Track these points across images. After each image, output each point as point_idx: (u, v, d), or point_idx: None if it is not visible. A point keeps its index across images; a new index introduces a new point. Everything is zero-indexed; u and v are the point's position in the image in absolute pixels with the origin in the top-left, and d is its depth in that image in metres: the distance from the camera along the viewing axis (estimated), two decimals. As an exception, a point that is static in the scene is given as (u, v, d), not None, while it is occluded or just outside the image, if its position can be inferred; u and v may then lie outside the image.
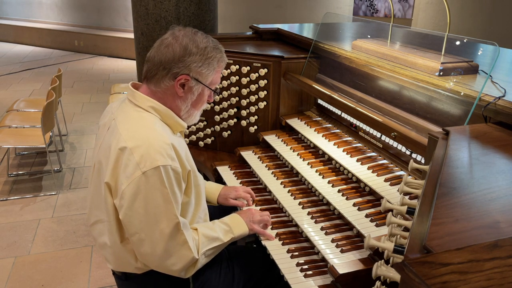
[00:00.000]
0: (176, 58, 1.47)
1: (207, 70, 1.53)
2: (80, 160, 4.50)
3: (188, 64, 1.48)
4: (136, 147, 1.39)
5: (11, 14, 11.20)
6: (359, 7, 6.62)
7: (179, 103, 1.54)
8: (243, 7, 8.00)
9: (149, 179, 1.38)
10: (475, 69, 1.75)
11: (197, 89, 1.54)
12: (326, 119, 2.32)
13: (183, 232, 1.44)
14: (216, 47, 1.55)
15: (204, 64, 1.51)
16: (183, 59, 1.48)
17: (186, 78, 1.49)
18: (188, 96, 1.54)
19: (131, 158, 1.38)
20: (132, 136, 1.42)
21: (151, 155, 1.38)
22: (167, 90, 1.51)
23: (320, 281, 1.54)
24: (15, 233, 3.26)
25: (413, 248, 0.76)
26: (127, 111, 1.52)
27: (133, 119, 1.48)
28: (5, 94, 6.69)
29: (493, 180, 1.01)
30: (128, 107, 1.53)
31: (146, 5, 3.72)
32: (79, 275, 2.82)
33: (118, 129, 1.46)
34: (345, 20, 4.64)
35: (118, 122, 1.49)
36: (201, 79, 1.53)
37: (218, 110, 2.58)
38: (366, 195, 1.76)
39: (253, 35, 2.97)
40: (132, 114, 1.50)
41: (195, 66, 1.49)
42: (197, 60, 1.49)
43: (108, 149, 1.46)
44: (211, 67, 1.53)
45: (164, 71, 1.48)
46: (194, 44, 1.49)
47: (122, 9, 9.60)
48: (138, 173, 1.37)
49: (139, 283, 1.62)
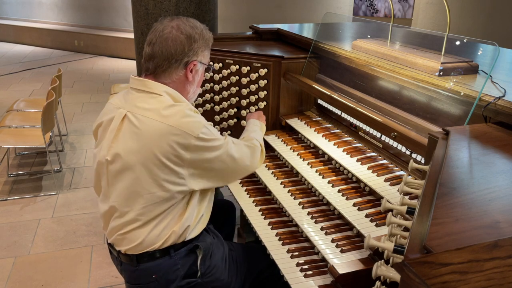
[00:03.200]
0: (186, 48, 1.57)
1: (207, 51, 1.68)
2: (80, 160, 4.50)
3: (196, 50, 1.60)
4: (176, 121, 1.49)
5: (11, 14, 11.20)
6: (359, 7, 6.62)
7: (188, 87, 1.65)
8: (243, 7, 8.00)
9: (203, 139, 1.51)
10: (475, 69, 1.75)
11: (201, 70, 1.68)
12: (326, 119, 2.31)
13: (234, 142, 1.68)
14: (206, 27, 1.67)
15: (206, 47, 1.65)
16: (191, 47, 1.58)
17: (194, 63, 1.61)
18: (195, 78, 1.66)
19: (179, 132, 1.48)
20: (164, 115, 1.50)
21: (192, 121, 1.51)
22: (178, 79, 1.61)
23: (320, 281, 1.54)
24: (15, 233, 3.26)
25: (413, 248, 0.76)
26: (143, 99, 1.57)
27: (154, 103, 1.55)
28: (5, 94, 6.69)
29: (493, 180, 1.01)
30: (141, 96, 1.57)
31: (146, 5, 3.72)
32: (79, 275, 2.82)
33: (146, 117, 1.52)
34: (345, 20, 4.64)
35: (140, 111, 1.54)
36: (204, 60, 1.67)
37: (218, 110, 2.58)
38: (366, 195, 1.76)
39: (253, 35, 2.97)
40: (149, 100, 1.56)
41: (201, 51, 1.63)
42: (201, 45, 1.61)
43: (139, 136, 1.51)
44: (208, 47, 1.67)
45: (177, 63, 1.57)
46: (194, 30, 1.59)
47: (122, 9, 9.60)
48: (192, 140, 1.49)
49: (152, 269, 1.64)
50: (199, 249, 1.67)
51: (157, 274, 1.64)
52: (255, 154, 1.79)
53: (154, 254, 1.62)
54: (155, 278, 1.64)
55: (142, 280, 1.67)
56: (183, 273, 1.66)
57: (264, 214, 1.94)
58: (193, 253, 1.68)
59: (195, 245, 1.67)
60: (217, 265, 1.73)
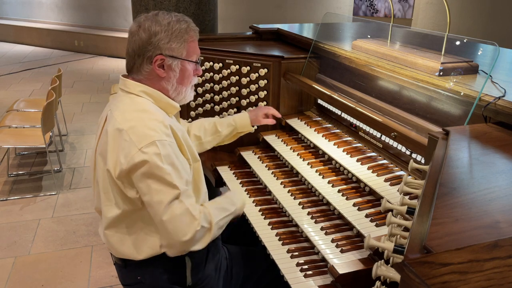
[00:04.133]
0: (144, 43, 1.51)
1: (177, 44, 1.54)
2: (80, 160, 4.50)
3: (157, 43, 1.51)
4: (131, 127, 1.44)
5: (11, 14, 11.20)
6: (359, 7, 6.62)
7: (164, 84, 1.57)
8: (243, 7, 8.00)
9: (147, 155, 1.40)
10: (475, 69, 1.75)
11: (177, 65, 1.56)
12: (326, 119, 2.31)
13: (182, 200, 1.44)
14: (180, 19, 1.56)
15: (172, 39, 1.53)
16: (151, 41, 1.51)
17: (161, 58, 1.52)
18: (171, 74, 1.56)
19: (127, 139, 1.43)
20: (126, 118, 1.47)
21: (146, 132, 1.43)
22: (149, 75, 1.55)
23: (320, 281, 1.54)
24: (15, 233, 3.26)
25: (413, 248, 0.76)
26: (120, 99, 1.57)
27: (126, 104, 1.53)
28: (5, 94, 6.69)
29: (493, 180, 1.01)
30: (121, 96, 1.58)
31: (146, 5, 3.72)
32: (79, 275, 2.82)
33: (113, 115, 1.51)
34: (345, 20, 4.64)
35: (113, 110, 1.54)
36: (175, 54, 1.55)
37: (218, 110, 2.58)
38: (366, 195, 1.76)
39: (253, 35, 2.97)
40: (125, 100, 1.55)
41: (163, 43, 1.52)
42: (163, 37, 1.52)
43: (105, 135, 1.51)
44: (179, 39, 1.54)
45: (139, 59, 1.53)
46: (157, 24, 1.52)
47: (122, 9, 9.60)
48: (135, 150, 1.41)
49: (137, 271, 1.63)
50: (187, 259, 1.64)
51: (141, 276, 1.62)
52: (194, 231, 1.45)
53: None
54: (139, 279, 1.63)
55: (128, 280, 1.67)
56: (170, 278, 1.63)
57: (264, 214, 1.94)
58: (181, 261, 1.63)
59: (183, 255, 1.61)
60: (210, 276, 1.70)
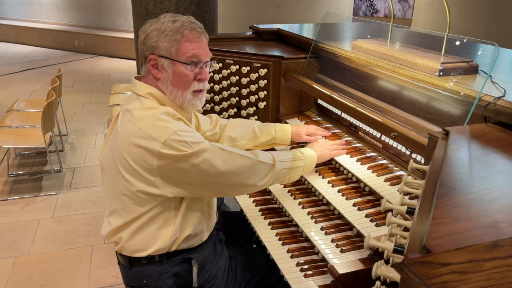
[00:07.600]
0: (141, 43, 1.58)
1: (165, 43, 1.52)
2: (80, 160, 4.50)
3: (149, 43, 1.55)
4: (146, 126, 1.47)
5: (11, 14, 11.20)
6: (359, 7, 6.62)
7: (160, 85, 1.58)
8: (243, 7, 8.00)
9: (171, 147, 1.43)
10: (475, 69, 1.75)
11: (169, 66, 1.54)
12: (326, 119, 2.31)
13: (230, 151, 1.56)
14: (175, 20, 1.54)
15: (161, 37, 1.52)
16: (145, 41, 1.56)
17: (154, 57, 1.55)
18: (164, 75, 1.56)
19: (146, 136, 1.45)
20: (139, 118, 1.50)
21: (160, 127, 1.46)
22: (148, 74, 1.60)
23: (320, 281, 1.54)
24: (15, 233, 3.26)
25: (413, 248, 0.76)
26: (131, 100, 1.61)
27: (137, 105, 1.56)
28: (5, 94, 6.69)
29: (493, 180, 1.01)
30: (131, 97, 1.62)
31: (146, 5, 3.72)
32: (79, 275, 2.82)
33: (125, 118, 1.54)
34: (345, 20, 4.64)
35: (125, 112, 1.57)
36: (165, 53, 1.53)
37: (218, 110, 2.58)
38: (366, 195, 1.76)
39: (253, 35, 2.97)
40: (134, 102, 1.58)
41: (154, 42, 1.53)
42: (153, 36, 1.54)
43: (115, 136, 1.55)
44: (169, 38, 1.52)
45: (141, 60, 1.60)
46: (153, 26, 1.56)
47: (122, 9, 9.60)
48: (157, 146, 1.43)
49: (143, 273, 1.64)
50: (194, 260, 1.65)
51: (147, 279, 1.63)
52: (258, 170, 1.60)
53: (145, 258, 1.61)
54: (145, 283, 1.63)
55: (133, 283, 1.67)
56: (175, 282, 1.64)
57: (264, 214, 1.94)
58: (187, 263, 1.65)
59: (188, 257, 1.64)
60: (216, 276, 1.71)
